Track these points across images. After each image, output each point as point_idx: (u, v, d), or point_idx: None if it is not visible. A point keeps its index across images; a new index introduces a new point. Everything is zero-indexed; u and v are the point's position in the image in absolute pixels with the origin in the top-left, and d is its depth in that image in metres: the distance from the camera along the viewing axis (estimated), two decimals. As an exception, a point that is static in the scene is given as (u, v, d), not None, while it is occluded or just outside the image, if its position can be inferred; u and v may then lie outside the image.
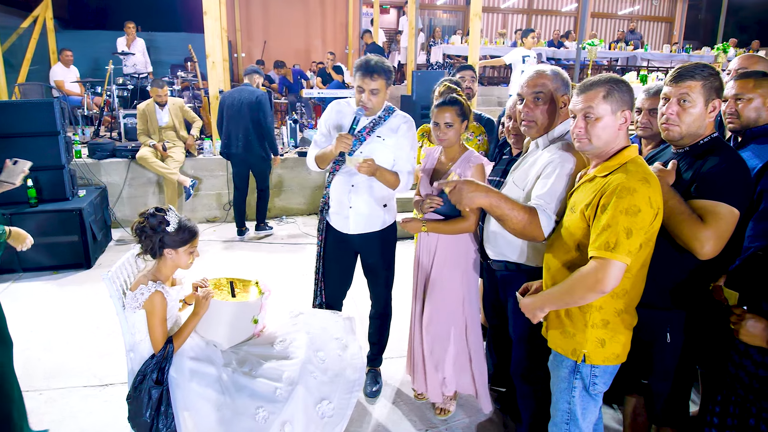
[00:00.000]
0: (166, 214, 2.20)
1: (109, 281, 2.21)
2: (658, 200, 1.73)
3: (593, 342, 1.84)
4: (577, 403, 1.93)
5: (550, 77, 2.18)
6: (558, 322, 1.93)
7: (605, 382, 1.91)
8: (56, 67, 8.60)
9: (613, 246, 1.67)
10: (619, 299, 1.82)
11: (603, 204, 1.72)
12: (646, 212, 1.69)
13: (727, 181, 1.84)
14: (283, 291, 3.20)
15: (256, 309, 2.43)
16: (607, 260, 1.68)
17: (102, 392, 3.09)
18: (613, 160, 1.81)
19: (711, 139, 1.95)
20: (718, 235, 1.79)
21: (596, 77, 1.85)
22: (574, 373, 1.90)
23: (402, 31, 12.05)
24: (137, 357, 2.21)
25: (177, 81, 8.65)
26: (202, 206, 6.56)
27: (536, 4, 16.26)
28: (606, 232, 1.69)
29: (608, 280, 1.69)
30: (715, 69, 1.91)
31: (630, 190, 1.68)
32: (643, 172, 1.74)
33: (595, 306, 1.81)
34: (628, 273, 1.77)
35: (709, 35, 16.20)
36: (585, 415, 1.94)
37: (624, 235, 1.66)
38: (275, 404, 2.12)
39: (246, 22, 12.88)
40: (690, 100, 1.91)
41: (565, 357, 1.92)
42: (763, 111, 2.22)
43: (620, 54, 12.80)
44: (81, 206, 4.92)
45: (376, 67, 2.61)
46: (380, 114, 2.78)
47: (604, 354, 1.85)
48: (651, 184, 1.72)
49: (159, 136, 6.15)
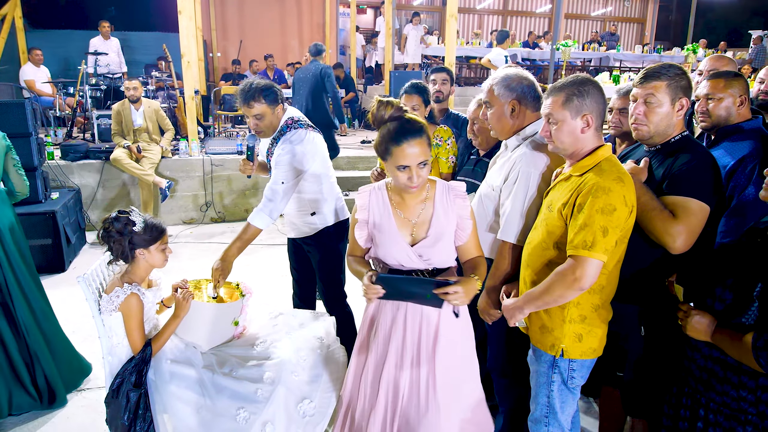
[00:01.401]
0: (129, 214, 2.17)
1: (84, 284, 2.19)
2: (631, 198, 1.79)
3: (571, 337, 1.89)
4: (556, 396, 1.98)
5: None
6: (537, 318, 1.97)
7: (583, 375, 1.96)
8: (26, 67, 8.42)
9: (590, 244, 1.72)
10: (596, 294, 1.87)
11: (579, 203, 1.77)
12: (621, 210, 1.74)
13: (697, 178, 1.90)
14: (263, 292, 3.19)
15: (236, 311, 2.42)
16: (584, 258, 1.74)
17: (79, 396, 3.04)
18: (588, 160, 1.85)
19: (681, 137, 2.02)
20: (689, 230, 1.85)
21: (561, 82, 1.89)
22: (552, 367, 1.95)
23: (379, 31, 12.07)
24: (115, 360, 2.19)
25: (151, 81, 8.54)
26: (179, 208, 6.49)
27: (511, 5, 16.43)
28: (583, 231, 1.74)
29: (586, 277, 1.74)
30: (681, 68, 1.97)
31: (605, 190, 1.73)
32: (617, 171, 1.79)
33: (572, 302, 1.86)
34: (605, 269, 1.82)
35: (680, 36, 16.57)
36: (564, 409, 1.99)
37: (600, 234, 1.72)
38: (256, 404, 2.12)
39: (221, 22, 12.74)
40: (656, 100, 1.98)
41: (544, 352, 1.96)
42: (733, 110, 2.30)
43: (593, 54, 13.02)
44: (54, 209, 4.83)
45: (252, 94, 2.64)
46: (275, 136, 2.82)
47: (581, 348, 1.90)
48: (625, 182, 1.78)
49: (133, 137, 6.06)
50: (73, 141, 6.58)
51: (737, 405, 1.64)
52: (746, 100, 2.31)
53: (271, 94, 2.69)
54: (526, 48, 12.63)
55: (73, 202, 5.47)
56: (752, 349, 1.50)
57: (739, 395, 1.63)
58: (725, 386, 1.65)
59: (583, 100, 1.82)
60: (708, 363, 1.69)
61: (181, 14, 6.34)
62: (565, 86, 1.85)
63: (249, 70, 11.19)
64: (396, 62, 11.82)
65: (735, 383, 1.63)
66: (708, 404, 1.71)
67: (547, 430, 2.04)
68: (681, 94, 1.97)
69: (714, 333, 1.63)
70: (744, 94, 2.29)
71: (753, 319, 1.57)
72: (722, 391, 1.66)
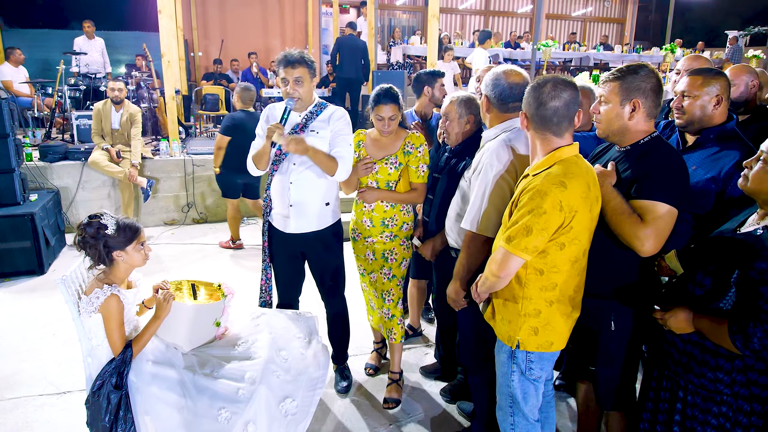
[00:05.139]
0: (101, 218, 2.16)
1: (63, 285, 2.18)
2: (572, 203, 1.79)
3: (526, 330, 1.95)
4: (517, 387, 2.04)
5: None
6: (499, 309, 2.04)
7: (542, 367, 2.01)
8: (3, 67, 8.29)
9: (512, 239, 1.82)
10: (549, 291, 1.91)
11: (519, 201, 1.86)
12: (552, 215, 1.77)
13: (665, 181, 1.92)
14: (245, 293, 3.19)
15: (218, 311, 2.42)
16: (503, 250, 1.85)
17: (59, 400, 3.02)
18: (546, 160, 1.89)
19: (651, 138, 2.01)
20: (657, 233, 1.88)
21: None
22: (511, 358, 2.02)
23: (361, 31, 12.07)
24: (95, 362, 2.18)
25: (131, 80, 8.46)
26: (160, 209, 6.43)
27: (493, 5, 16.54)
28: (512, 227, 1.84)
29: (504, 269, 1.87)
30: (638, 68, 1.98)
31: (541, 193, 1.78)
32: (563, 175, 1.80)
33: (526, 297, 1.93)
34: (555, 269, 1.88)
35: (659, 36, 16.79)
36: (527, 399, 2.05)
37: (524, 232, 1.80)
38: (238, 404, 2.13)
39: (202, 21, 12.64)
40: (605, 100, 2.03)
41: (503, 343, 2.03)
42: (709, 109, 2.27)
43: (573, 54, 13.16)
44: (33, 211, 4.77)
45: (296, 57, 2.69)
46: (311, 109, 2.80)
47: (537, 341, 1.95)
48: (568, 188, 1.78)
49: (112, 139, 5.97)
50: (51, 142, 6.50)
51: (714, 387, 1.74)
52: (723, 100, 2.28)
53: (312, 63, 2.75)
54: (507, 48, 12.72)
55: (53, 203, 5.41)
56: (728, 333, 1.60)
57: (716, 377, 1.73)
58: (703, 368, 1.75)
59: (526, 100, 1.92)
60: (687, 347, 1.79)
61: (161, 13, 6.30)
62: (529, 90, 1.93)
63: (230, 69, 11.13)
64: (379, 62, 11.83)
65: (712, 366, 1.73)
66: (687, 386, 1.81)
67: (512, 420, 2.10)
68: (634, 95, 1.97)
69: (694, 319, 1.73)
70: (721, 94, 2.27)
71: (730, 304, 1.67)
72: (700, 373, 1.76)
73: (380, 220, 2.92)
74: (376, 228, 2.94)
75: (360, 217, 2.99)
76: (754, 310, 1.58)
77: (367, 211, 2.95)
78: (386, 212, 2.92)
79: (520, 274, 1.91)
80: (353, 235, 3.06)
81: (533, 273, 1.90)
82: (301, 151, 2.59)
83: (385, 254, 2.96)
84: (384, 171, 2.89)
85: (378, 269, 2.98)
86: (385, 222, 2.92)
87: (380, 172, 2.89)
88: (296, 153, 2.62)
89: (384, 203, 2.92)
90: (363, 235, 2.99)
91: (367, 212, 2.95)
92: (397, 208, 2.94)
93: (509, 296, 1.97)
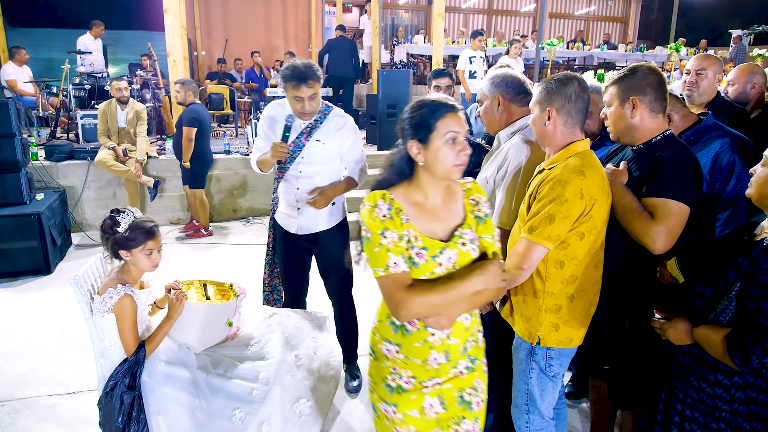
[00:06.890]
0: (120, 215, 2.15)
1: (75, 285, 2.17)
2: (591, 191, 1.80)
3: (547, 326, 1.94)
4: (535, 384, 2.02)
5: None
6: (516, 307, 2.02)
7: (561, 364, 2.00)
8: (7, 66, 8.28)
9: (535, 229, 1.81)
10: (569, 285, 1.91)
11: (538, 193, 1.85)
12: (573, 202, 1.78)
13: (676, 178, 1.92)
14: (256, 292, 3.18)
15: (230, 311, 2.41)
16: (526, 241, 1.83)
17: (69, 400, 3.01)
18: (561, 154, 1.91)
19: (663, 136, 2.01)
20: (669, 230, 1.87)
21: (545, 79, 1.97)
22: (530, 355, 2.00)
23: (364, 30, 12.05)
24: (108, 363, 2.18)
25: (136, 80, 8.45)
26: (165, 208, 6.42)
27: (496, 4, 16.51)
28: (533, 217, 1.83)
29: (527, 260, 1.84)
30: (636, 68, 2.00)
31: (562, 182, 1.79)
32: (581, 165, 1.82)
33: (547, 291, 1.91)
34: (575, 260, 1.87)
35: (661, 35, 16.78)
36: (544, 397, 2.03)
37: (546, 221, 1.79)
38: (252, 405, 2.12)
39: (205, 20, 12.64)
40: (608, 104, 2.07)
41: (523, 340, 2.02)
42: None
43: (578, 53, 13.13)
44: (39, 210, 4.76)
45: (308, 73, 2.52)
46: (316, 117, 2.73)
47: (558, 337, 1.94)
48: (587, 176, 1.80)
49: (118, 138, 5.98)
50: (57, 141, 6.48)
51: (713, 402, 1.66)
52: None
53: (320, 73, 2.60)
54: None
55: (59, 203, 5.40)
56: (726, 348, 1.53)
57: (714, 393, 1.66)
58: (702, 383, 1.68)
59: (545, 96, 1.91)
60: (686, 359, 1.73)
61: (167, 13, 6.29)
62: (543, 82, 1.94)
63: (234, 68, 11.12)
64: (383, 61, 11.81)
65: (711, 381, 1.66)
66: (685, 399, 1.75)
67: (527, 417, 2.08)
68: (632, 93, 1.98)
69: (693, 331, 1.66)
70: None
71: (729, 317, 1.60)
72: (699, 387, 1.69)
73: (462, 345, 1.70)
74: (453, 359, 1.69)
75: (421, 354, 1.66)
76: (754, 326, 1.51)
77: (441, 340, 1.65)
78: (467, 329, 1.71)
79: (540, 269, 1.90)
80: (392, 384, 1.70)
81: (553, 266, 1.89)
82: (325, 206, 2.72)
83: (465, 396, 1.73)
84: (464, 257, 1.64)
85: (452, 421, 1.72)
86: (467, 347, 1.73)
87: (459, 261, 1.62)
88: (322, 208, 2.75)
89: (463, 317, 1.69)
90: (419, 378, 1.67)
91: (440, 342, 1.65)
92: (474, 314, 1.75)
93: (529, 292, 1.96)
